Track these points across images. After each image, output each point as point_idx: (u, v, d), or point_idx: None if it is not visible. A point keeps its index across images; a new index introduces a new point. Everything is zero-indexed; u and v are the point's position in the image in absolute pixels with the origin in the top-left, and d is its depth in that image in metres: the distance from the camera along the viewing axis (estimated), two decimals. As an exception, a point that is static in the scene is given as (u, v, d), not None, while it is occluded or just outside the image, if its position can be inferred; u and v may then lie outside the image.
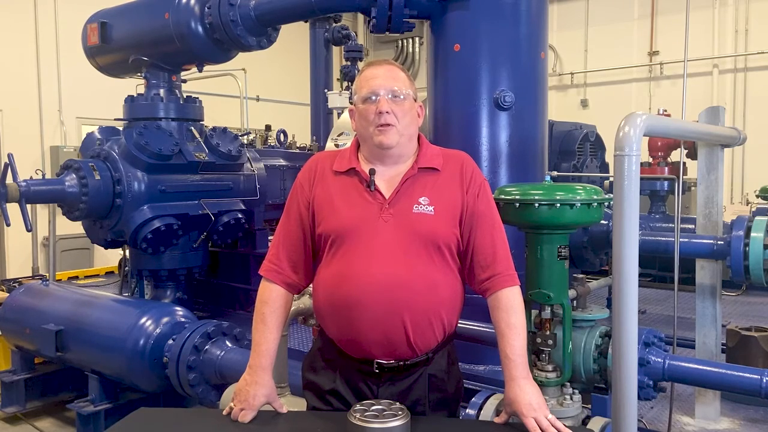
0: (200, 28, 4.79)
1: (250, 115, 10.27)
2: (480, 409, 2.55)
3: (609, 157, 7.29)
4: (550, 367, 2.59)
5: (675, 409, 3.66)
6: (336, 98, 6.88)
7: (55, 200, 4.85)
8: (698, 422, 3.88)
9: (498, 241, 2.07)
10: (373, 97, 2.02)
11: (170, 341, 4.00)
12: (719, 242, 3.81)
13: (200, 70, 5.30)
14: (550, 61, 7.47)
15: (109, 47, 5.20)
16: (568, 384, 2.61)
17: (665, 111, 6.69)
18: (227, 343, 3.97)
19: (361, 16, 10.89)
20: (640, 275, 2.53)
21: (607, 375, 2.61)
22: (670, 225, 5.84)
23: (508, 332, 2.00)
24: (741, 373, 2.64)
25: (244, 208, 5.42)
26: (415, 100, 2.10)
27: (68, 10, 9.30)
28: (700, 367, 2.75)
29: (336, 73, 8.58)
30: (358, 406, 1.86)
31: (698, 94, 10.48)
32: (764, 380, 2.53)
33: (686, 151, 5.69)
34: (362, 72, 2.11)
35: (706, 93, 10.83)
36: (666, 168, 6.65)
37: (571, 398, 2.56)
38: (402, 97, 2.03)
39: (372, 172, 2.04)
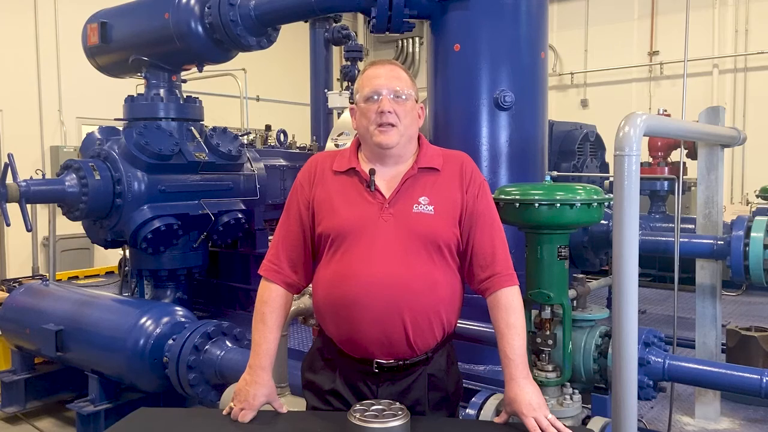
0: (200, 28, 4.79)
1: (250, 115, 10.27)
2: (480, 409, 2.55)
3: (609, 157, 7.28)
4: (550, 367, 2.59)
5: (675, 409, 3.66)
6: (336, 98, 6.88)
7: (55, 200, 4.85)
8: (698, 422, 3.87)
9: (497, 241, 2.07)
10: (375, 97, 2.02)
11: (170, 341, 4.01)
12: (719, 242, 3.81)
13: (200, 70, 5.30)
14: (550, 61, 7.47)
15: (109, 47, 5.20)
16: (568, 384, 2.61)
17: (665, 111, 6.68)
18: (227, 343, 3.97)
19: (361, 16, 10.90)
20: (640, 275, 2.53)
21: (607, 375, 2.61)
22: (670, 225, 5.84)
23: (508, 332, 2.00)
24: (741, 373, 2.63)
25: (244, 208, 5.43)
26: (417, 101, 2.10)
27: (68, 10, 9.31)
28: (700, 367, 2.75)
29: (336, 73, 8.57)
30: (357, 406, 1.86)
31: (698, 94, 10.48)
32: (764, 380, 2.53)
33: (686, 151, 5.68)
34: (364, 71, 2.11)
35: (706, 93, 10.83)
36: (666, 168, 6.64)
37: (571, 398, 2.56)
38: (404, 97, 2.03)
39: (372, 172, 2.04)
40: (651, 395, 2.75)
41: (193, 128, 5.22)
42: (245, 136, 6.72)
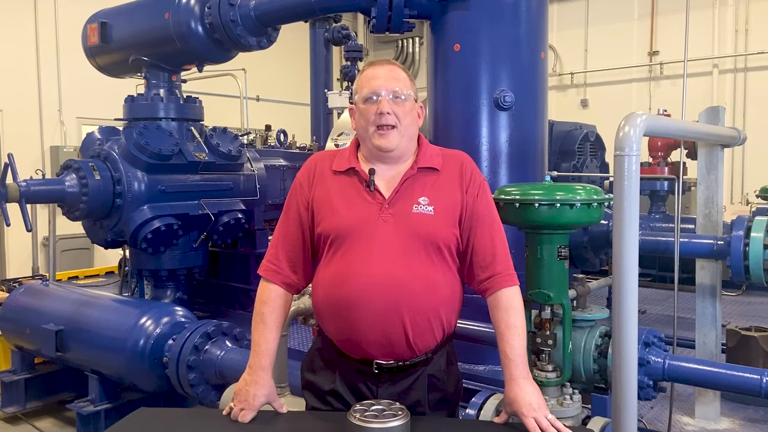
0: (200, 28, 4.79)
1: (250, 115, 10.26)
2: (480, 409, 2.55)
3: (609, 157, 7.28)
4: (550, 367, 2.59)
5: (675, 409, 3.66)
6: (336, 98, 6.88)
7: (55, 200, 4.84)
8: (698, 422, 3.87)
9: (497, 241, 2.07)
10: (374, 98, 2.01)
11: (170, 341, 4.01)
12: (719, 242, 3.81)
13: (200, 70, 5.30)
14: (550, 61, 7.47)
15: (109, 47, 5.20)
16: (568, 384, 2.61)
17: (665, 111, 6.68)
18: (227, 343, 3.97)
19: (361, 16, 10.89)
20: (640, 275, 2.53)
21: (607, 375, 2.61)
22: (670, 225, 5.84)
23: (508, 332, 2.00)
24: (741, 373, 2.63)
25: (244, 208, 5.42)
26: (416, 101, 2.09)
27: (68, 10, 9.30)
28: (700, 367, 2.75)
29: (336, 73, 8.58)
30: (357, 406, 1.86)
31: (698, 94, 10.48)
32: (764, 380, 2.53)
33: (686, 151, 5.68)
34: (363, 71, 2.10)
35: (706, 93, 10.83)
36: (666, 168, 6.64)
37: (571, 398, 2.56)
38: (403, 97, 2.03)
39: (372, 171, 2.04)
40: (651, 395, 2.75)
41: (193, 128, 5.22)
42: (245, 136, 6.72)
